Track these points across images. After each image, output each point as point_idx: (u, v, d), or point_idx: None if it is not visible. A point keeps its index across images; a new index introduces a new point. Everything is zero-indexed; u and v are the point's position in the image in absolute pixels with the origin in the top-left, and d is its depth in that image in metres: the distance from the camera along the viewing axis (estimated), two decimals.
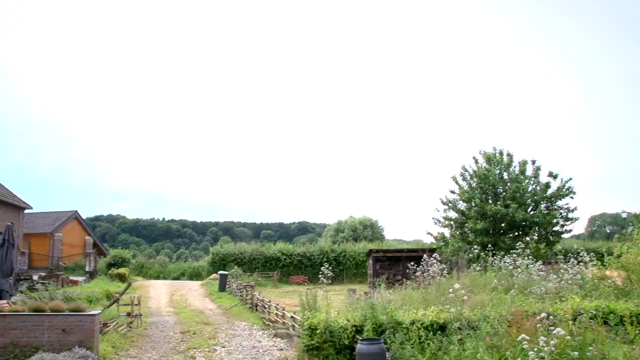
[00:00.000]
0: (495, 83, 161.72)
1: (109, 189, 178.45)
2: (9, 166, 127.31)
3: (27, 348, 9.68)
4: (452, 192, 27.35)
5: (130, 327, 16.28)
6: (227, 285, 29.58)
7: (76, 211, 47.52)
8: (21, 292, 21.44)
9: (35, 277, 30.79)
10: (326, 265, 14.12)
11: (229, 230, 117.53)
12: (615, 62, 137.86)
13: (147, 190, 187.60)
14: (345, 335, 9.80)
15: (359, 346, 8.97)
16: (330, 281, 13.31)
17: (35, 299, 14.84)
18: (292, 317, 13.94)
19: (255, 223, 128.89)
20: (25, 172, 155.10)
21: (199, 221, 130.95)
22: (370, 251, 29.28)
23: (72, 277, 33.15)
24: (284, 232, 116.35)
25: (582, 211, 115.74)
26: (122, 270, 36.54)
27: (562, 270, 13.58)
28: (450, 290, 10.14)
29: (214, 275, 35.56)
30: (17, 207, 37.66)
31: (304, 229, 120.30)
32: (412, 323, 9.63)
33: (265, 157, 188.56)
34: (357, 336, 9.66)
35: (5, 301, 14.48)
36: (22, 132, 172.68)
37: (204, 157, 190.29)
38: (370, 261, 28.65)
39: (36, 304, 11.08)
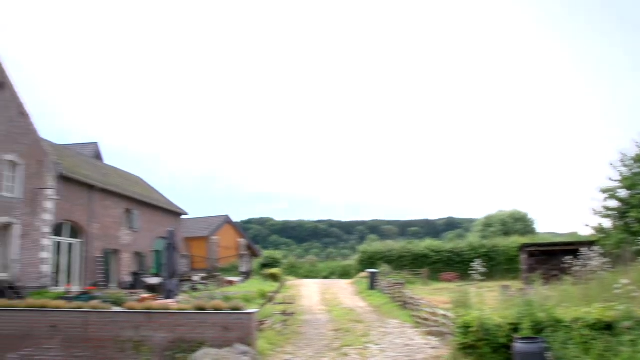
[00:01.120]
0: None
1: (258, 193, 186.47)
2: (163, 175, 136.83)
3: (193, 343, 10.27)
4: (611, 179, 25.41)
5: (285, 325, 16.77)
6: (376, 283, 29.70)
7: (227, 215, 50.09)
8: (184, 292, 22.89)
9: (195, 278, 32.77)
10: (478, 261, 13.70)
11: (376, 228, 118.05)
12: None
13: (294, 192, 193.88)
14: (501, 334, 9.44)
15: (517, 345, 8.61)
16: (482, 277, 12.91)
17: (198, 298, 15.73)
18: (443, 314, 13.70)
19: (401, 220, 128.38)
20: (179, 181, 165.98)
21: (345, 220, 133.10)
22: (523, 245, 28.04)
23: (228, 278, 34.82)
24: (430, 228, 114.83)
25: None
26: (274, 270, 37.88)
27: None
28: (617, 285, 9.41)
29: (363, 274, 35.85)
30: (175, 213, 40.39)
31: (451, 224, 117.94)
32: (574, 321, 9.06)
33: (407, 153, 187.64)
34: (514, 335, 9.27)
35: (172, 300, 15.53)
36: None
37: (347, 158, 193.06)
38: (523, 256, 27.47)
39: (199, 302, 11.73)
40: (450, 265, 39.25)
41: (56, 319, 10.56)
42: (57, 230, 26.39)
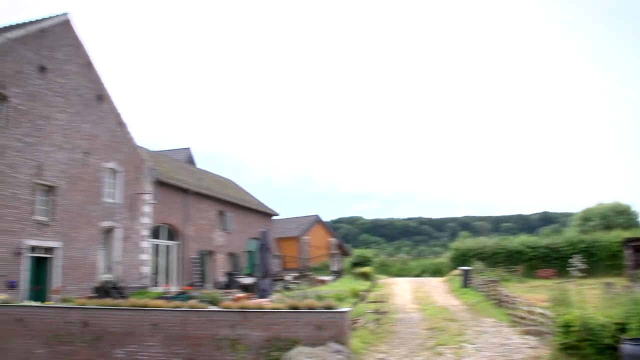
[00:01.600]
0: None
1: (347, 193, 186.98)
2: (255, 178, 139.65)
3: (287, 342, 10.39)
4: None
5: (378, 324, 16.69)
6: (469, 281, 29.06)
7: (317, 215, 50.48)
8: (277, 291, 23.25)
9: (288, 278, 33.23)
10: (577, 257, 13.14)
11: (467, 224, 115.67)
12: None
13: (383, 191, 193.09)
14: (607, 334, 8.95)
15: (626, 347, 8.15)
16: (581, 274, 12.37)
17: (291, 298, 15.92)
18: (542, 313, 13.21)
19: (493, 216, 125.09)
20: (270, 183, 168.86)
21: (436, 217, 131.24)
22: (627, 240, 26.61)
23: (320, 277, 35.05)
24: (524, 223, 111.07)
25: None
26: (365, 269, 37.77)
27: None
28: None
29: (455, 271, 35.15)
30: (267, 214, 41.13)
31: (546, 219, 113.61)
32: None
33: (499, 147, 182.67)
34: (621, 335, 8.78)
35: (266, 299, 15.81)
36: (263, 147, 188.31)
37: (437, 155, 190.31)
38: (628, 251, 26.07)
39: (292, 301, 11.87)
40: (547, 261, 37.62)
41: (157, 317, 10.99)
42: (155, 233, 27.51)
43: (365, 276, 35.74)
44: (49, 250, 20.07)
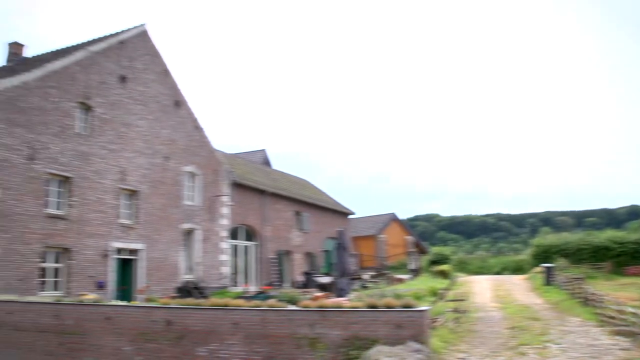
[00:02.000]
0: None
1: (423, 190, 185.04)
2: (331, 177, 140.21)
3: (366, 341, 10.35)
4: None
5: (458, 323, 16.41)
6: (552, 279, 28.13)
7: (394, 213, 50.15)
8: (355, 290, 23.25)
9: (365, 277, 33.18)
10: None
11: (548, 220, 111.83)
12: None
13: (459, 187, 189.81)
14: None
15: None
16: None
17: (369, 296, 15.89)
18: (633, 312, 12.61)
19: (576, 211, 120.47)
20: (345, 182, 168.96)
21: (515, 213, 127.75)
22: None
23: (397, 275, 34.79)
24: (610, 218, 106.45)
25: None
26: (444, 267, 37.22)
27: None
28: None
29: (537, 269, 34.09)
30: (343, 213, 41.22)
31: (634, 213, 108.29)
32: None
33: (581, 138, 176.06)
34: None
35: (344, 298, 15.83)
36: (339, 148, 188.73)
37: (516, 149, 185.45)
38: None
39: (370, 300, 11.81)
40: (637, 258, 35.85)
41: (237, 316, 11.19)
42: (234, 234, 28.09)
43: (443, 274, 35.21)
44: (133, 252, 20.86)
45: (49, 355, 12.89)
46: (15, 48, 24.14)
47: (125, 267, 20.61)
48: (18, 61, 23.33)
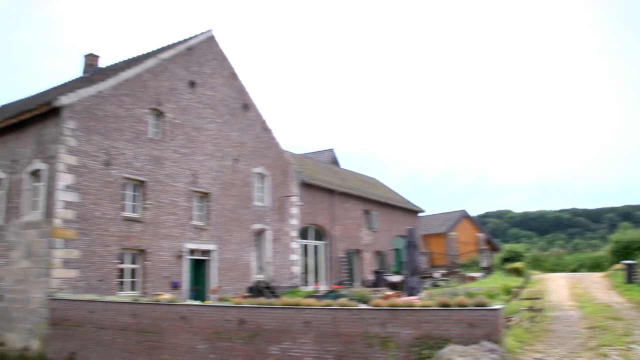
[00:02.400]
0: None
1: (494, 186, 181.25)
2: (400, 175, 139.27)
3: (438, 340, 10.21)
4: None
5: (533, 322, 15.96)
6: (635, 276, 26.93)
7: (464, 210, 49.34)
8: (426, 288, 22.99)
9: (436, 275, 32.77)
10: None
11: (628, 215, 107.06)
12: None
13: (532, 183, 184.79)
14: None
15: None
16: None
17: (440, 295, 15.68)
18: None
19: None
20: (415, 180, 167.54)
21: (592, 208, 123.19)
22: None
23: (469, 274, 34.19)
24: None
25: None
26: (517, 264, 36.27)
27: None
28: None
29: (617, 266, 32.75)
30: (413, 211, 40.88)
31: None
32: None
33: None
34: None
35: (415, 297, 15.68)
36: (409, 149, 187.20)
37: (591, 142, 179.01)
38: None
39: (442, 299, 11.64)
40: None
41: (308, 315, 11.26)
42: (303, 234, 28.30)
43: (517, 272, 34.31)
44: (205, 252, 21.33)
45: (128, 353, 13.36)
46: (90, 59, 25.19)
47: (198, 267, 21.11)
48: (93, 71, 24.32)
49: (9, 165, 18.63)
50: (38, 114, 17.43)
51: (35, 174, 17.58)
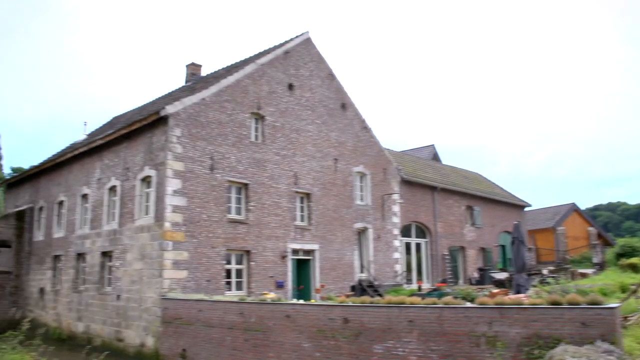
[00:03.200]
0: None
1: (603, 177, 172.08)
2: (504, 169, 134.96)
3: (549, 339, 9.82)
4: None
5: None
6: None
7: (574, 203, 47.14)
8: (534, 286, 22.17)
9: (544, 272, 31.53)
10: None
11: None
12: None
13: None
14: None
15: None
16: None
17: (549, 293, 15.08)
18: None
19: None
20: (520, 173, 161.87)
21: None
22: None
23: (580, 270, 32.69)
24: None
25: None
26: (633, 260, 34.25)
27: None
28: None
29: None
30: (517, 206, 39.57)
31: None
32: None
33: None
34: None
35: (523, 295, 15.18)
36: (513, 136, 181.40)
37: None
38: None
39: (552, 297, 11.19)
40: None
41: (412, 314, 11.14)
42: (405, 232, 28.08)
43: (633, 268, 32.35)
44: (308, 252, 21.62)
45: (235, 351, 13.77)
46: (192, 69, 26.27)
47: (302, 267, 21.44)
48: (196, 80, 25.29)
49: (122, 173, 19.73)
50: (147, 123, 18.36)
51: (146, 180, 18.53)
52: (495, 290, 19.09)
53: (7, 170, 64.78)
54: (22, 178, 29.25)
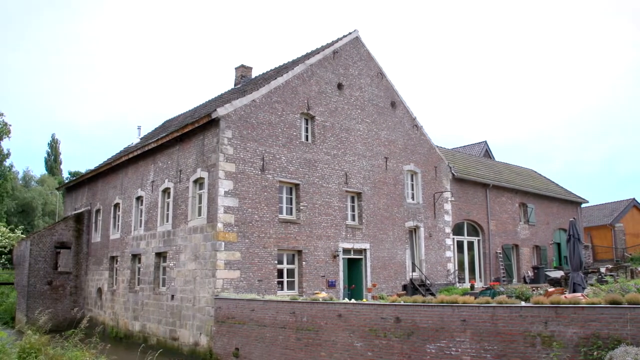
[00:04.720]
0: None
1: None
2: (557, 167, 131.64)
3: (608, 340, 9.58)
4: None
5: None
6: None
7: (634, 199, 45.66)
8: (591, 284, 21.62)
9: (602, 270, 30.69)
10: None
11: None
12: None
13: None
14: None
15: None
16: None
17: (607, 292, 14.69)
18: None
19: None
20: (577, 168, 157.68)
21: None
22: None
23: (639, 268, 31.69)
24: None
25: None
26: None
27: None
28: None
29: None
30: (573, 202, 38.60)
31: None
32: None
33: None
34: None
35: (580, 294, 14.83)
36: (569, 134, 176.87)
37: None
38: None
39: (611, 296, 10.91)
40: None
41: (465, 313, 11.03)
42: (458, 230, 27.76)
43: None
44: (360, 251, 21.62)
45: (287, 350, 13.90)
46: (242, 71, 26.56)
47: (353, 266, 21.45)
48: (245, 82, 25.59)
49: (175, 175, 20.15)
50: (198, 126, 18.69)
51: (198, 182, 18.88)
52: (551, 289, 18.72)
53: (65, 174, 67.26)
54: (80, 181, 30.23)
